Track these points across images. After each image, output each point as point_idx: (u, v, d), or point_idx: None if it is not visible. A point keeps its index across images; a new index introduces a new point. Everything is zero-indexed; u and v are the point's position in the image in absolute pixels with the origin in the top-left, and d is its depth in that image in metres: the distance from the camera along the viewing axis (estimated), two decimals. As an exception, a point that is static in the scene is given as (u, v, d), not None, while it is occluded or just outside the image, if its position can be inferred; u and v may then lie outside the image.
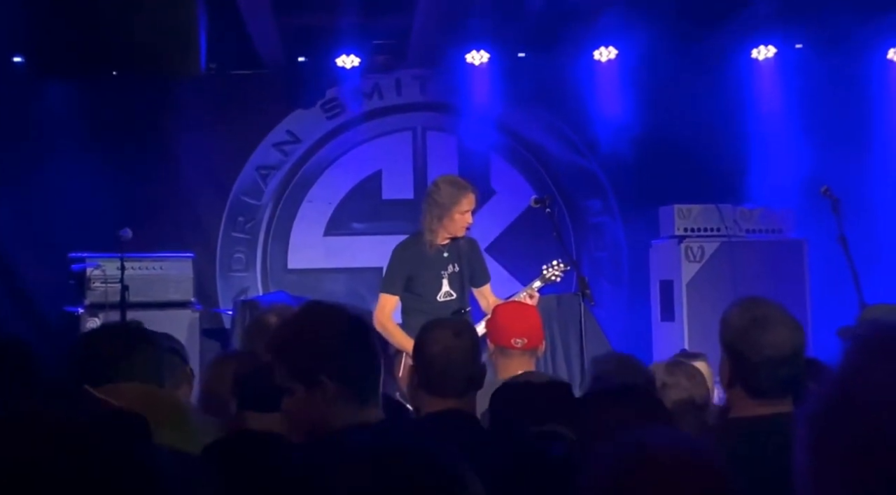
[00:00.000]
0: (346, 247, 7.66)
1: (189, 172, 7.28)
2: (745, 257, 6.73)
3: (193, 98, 7.24)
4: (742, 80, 7.58)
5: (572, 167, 7.83)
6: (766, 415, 2.33)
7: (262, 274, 7.64)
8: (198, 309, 6.69)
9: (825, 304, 6.38)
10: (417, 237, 5.23)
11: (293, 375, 2.14)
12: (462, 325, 2.89)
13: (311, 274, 7.63)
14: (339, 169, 7.72)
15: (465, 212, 5.10)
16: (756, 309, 2.39)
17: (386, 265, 5.25)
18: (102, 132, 7.05)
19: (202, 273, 7.14)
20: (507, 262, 7.39)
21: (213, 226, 7.53)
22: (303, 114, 7.65)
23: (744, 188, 7.21)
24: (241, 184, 7.59)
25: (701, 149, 7.42)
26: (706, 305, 6.51)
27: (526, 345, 3.68)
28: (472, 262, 5.28)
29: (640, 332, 7.19)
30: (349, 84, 7.60)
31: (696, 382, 3.27)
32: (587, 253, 7.77)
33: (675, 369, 3.31)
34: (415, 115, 7.80)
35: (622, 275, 7.80)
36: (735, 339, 2.38)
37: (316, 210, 7.69)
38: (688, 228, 6.85)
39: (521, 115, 7.76)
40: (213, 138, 7.33)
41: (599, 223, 7.87)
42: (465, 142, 7.69)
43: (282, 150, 7.67)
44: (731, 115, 7.44)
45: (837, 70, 7.35)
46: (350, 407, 2.14)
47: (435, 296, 5.17)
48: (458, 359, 2.73)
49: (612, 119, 7.48)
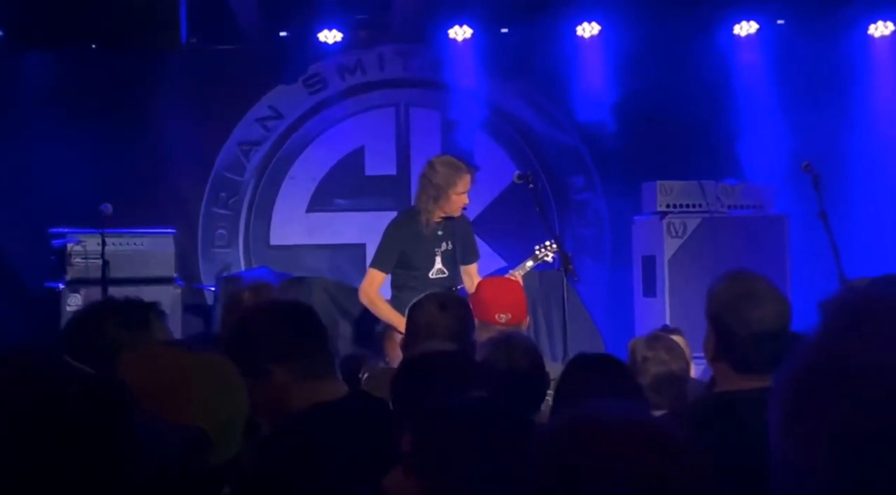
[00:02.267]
0: (328, 224, 7.64)
1: (170, 147, 7.21)
2: (726, 233, 6.73)
3: (174, 72, 7.17)
4: (724, 56, 7.57)
5: (556, 143, 7.82)
6: (752, 389, 2.32)
7: (244, 250, 7.61)
8: (180, 285, 6.67)
9: (806, 280, 6.41)
10: (412, 214, 5.23)
11: (244, 372, 2.22)
12: (451, 300, 2.88)
13: (293, 250, 7.61)
14: (322, 145, 7.68)
15: (461, 194, 5.10)
16: (744, 283, 2.38)
17: (379, 240, 5.24)
18: (82, 107, 6.97)
19: (184, 249, 7.09)
20: (489, 239, 7.38)
21: (194, 201, 7.49)
22: (285, 89, 7.59)
23: (726, 164, 7.22)
24: (223, 159, 7.54)
25: (684, 125, 7.42)
26: (688, 281, 6.53)
27: (510, 320, 3.68)
28: (463, 241, 5.28)
29: (622, 308, 7.21)
30: (331, 59, 7.54)
31: (675, 355, 3.28)
32: (570, 229, 7.77)
33: (655, 343, 3.32)
34: (397, 90, 7.76)
35: (605, 251, 7.81)
36: (722, 313, 2.37)
37: (298, 186, 7.66)
38: (670, 204, 6.84)
39: (505, 91, 7.73)
40: (195, 113, 7.26)
41: (582, 199, 7.87)
42: (448, 119, 7.65)
43: (264, 126, 7.62)
44: (714, 91, 7.43)
45: (819, 46, 7.34)
46: (306, 387, 2.21)
47: (427, 272, 5.17)
48: (440, 334, 2.71)
49: (596, 95, 7.46)
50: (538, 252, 5.33)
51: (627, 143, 7.50)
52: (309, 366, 2.23)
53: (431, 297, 2.89)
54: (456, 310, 2.82)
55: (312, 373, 2.23)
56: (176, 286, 6.62)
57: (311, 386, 2.21)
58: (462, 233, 5.29)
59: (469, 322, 2.89)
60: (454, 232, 5.24)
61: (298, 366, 2.22)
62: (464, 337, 2.80)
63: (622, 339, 4.43)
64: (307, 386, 2.21)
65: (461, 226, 5.30)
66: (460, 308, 2.88)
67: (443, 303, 2.84)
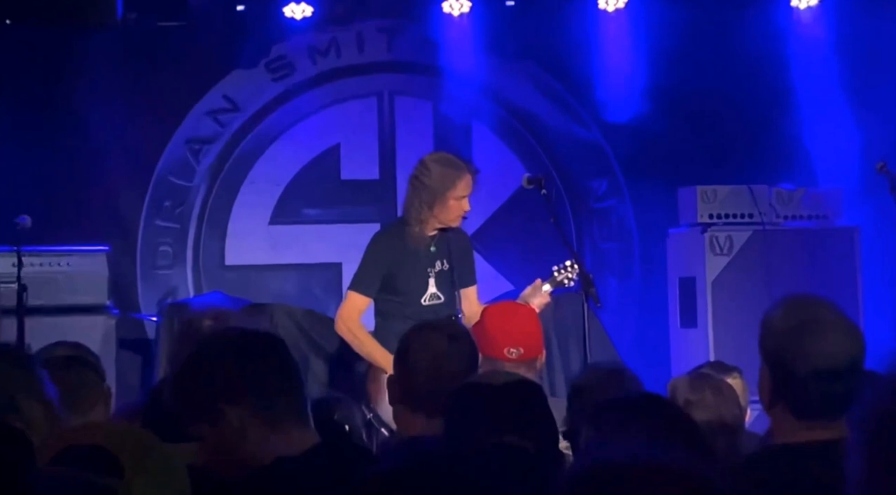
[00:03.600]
0: (296, 239, 7.65)
1: (103, 146, 7.21)
2: (782, 249, 6.77)
3: (108, 55, 7.17)
4: (779, 34, 7.58)
5: (573, 139, 7.84)
6: (818, 441, 2.33)
7: (193, 271, 7.62)
8: (114, 314, 6.68)
9: (881, 305, 6.40)
10: (400, 227, 5.25)
11: (198, 418, 2.26)
12: (458, 329, 2.86)
13: (253, 271, 7.62)
14: (288, 142, 7.70)
15: (461, 198, 5.12)
16: (805, 310, 2.39)
17: (361, 258, 5.26)
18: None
19: (119, 270, 7.10)
20: (493, 256, 7.37)
21: (132, 212, 7.49)
22: (243, 75, 7.62)
23: (782, 165, 7.24)
24: (167, 160, 7.55)
25: (729, 118, 7.45)
26: (736, 308, 6.55)
27: (522, 355, 3.68)
28: (462, 260, 5.28)
29: (655, 341, 7.23)
30: (300, 39, 7.55)
31: (724, 399, 3.29)
32: (591, 244, 7.79)
33: (700, 384, 3.34)
34: (380, 76, 7.79)
35: (633, 271, 7.83)
36: (779, 347, 2.37)
37: (260, 193, 7.67)
38: (713, 214, 6.88)
39: (511, 76, 7.77)
40: (133, 104, 7.26)
41: (606, 208, 7.88)
42: (442, 110, 7.68)
43: (217, 120, 7.64)
44: (766, 76, 7.47)
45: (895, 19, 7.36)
46: (266, 435, 2.23)
47: (419, 298, 5.19)
48: (451, 369, 2.71)
49: (622, 81, 7.49)
50: (557, 274, 5.33)
51: (661, 139, 7.52)
52: (270, 408, 2.24)
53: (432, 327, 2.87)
54: (467, 343, 2.80)
55: (275, 419, 2.23)
56: (109, 316, 6.63)
57: (274, 434, 2.22)
58: (459, 249, 5.32)
59: (476, 356, 2.89)
60: (450, 248, 5.26)
61: (257, 409, 2.22)
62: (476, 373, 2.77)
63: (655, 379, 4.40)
64: (268, 435, 2.21)
65: (458, 241, 5.33)
66: (470, 339, 2.87)
67: (452, 333, 2.81)
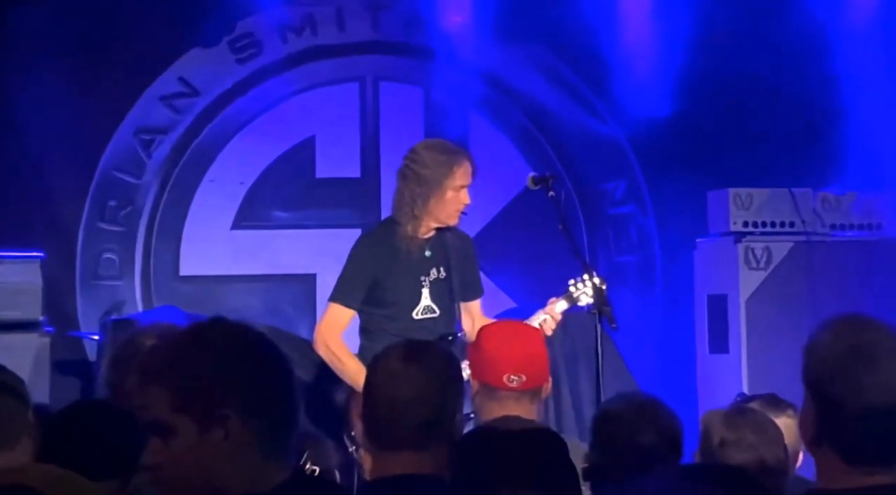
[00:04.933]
0: (263, 246, 7.66)
1: (37, 137, 7.22)
2: (829, 263, 6.79)
3: (43, 31, 7.16)
4: (826, 16, 7.60)
5: (586, 135, 7.87)
6: (867, 488, 2.32)
7: (142, 282, 7.62)
8: (48, 331, 6.67)
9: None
10: (389, 227, 5.28)
11: (179, 408, 2.15)
12: (422, 348, 2.85)
13: (212, 282, 7.64)
14: (255, 134, 7.72)
15: (459, 189, 5.15)
16: (857, 334, 2.37)
17: (344, 265, 5.28)
18: None
19: (55, 280, 7.08)
20: (492, 268, 7.36)
21: (71, 213, 7.49)
22: (202, 54, 7.63)
23: (828, 166, 7.24)
24: (112, 154, 7.55)
25: (767, 112, 7.47)
26: (773, 331, 6.57)
27: (524, 384, 3.68)
28: (463, 267, 5.29)
29: (679, 368, 7.25)
30: (270, 14, 7.56)
31: (768, 438, 3.29)
32: (605, 255, 7.82)
33: (739, 420, 3.33)
34: (363, 58, 7.82)
35: (655, 287, 7.86)
36: (825, 378, 2.36)
37: (221, 192, 7.69)
38: (749, 222, 6.90)
39: (515, 61, 7.80)
40: (72, 89, 7.24)
41: (623, 213, 7.91)
42: (434, 98, 7.71)
43: (172, 106, 7.65)
44: (810, 65, 7.49)
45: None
46: (258, 462, 2.17)
47: (410, 311, 5.22)
48: (404, 395, 2.70)
49: (643, 67, 7.49)
50: (574, 289, 5.35)
51: (688, 136, 7.56)
52: (275, 434, 2.19)
53: (397, 345, 2.87)
54: (430, 364, 2.78)
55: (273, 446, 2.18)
56: (43, 333, 6.61)
57: (265, 464, 2.16)
58: (460, 255, 5.35)
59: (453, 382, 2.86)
60: (448, 253, 5.27)
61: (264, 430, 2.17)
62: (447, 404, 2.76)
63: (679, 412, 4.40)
64: (258, 463, 2.16)
65: (458, 244, 5.36)
66: (438, 360, 2.84)
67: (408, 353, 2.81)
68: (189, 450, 2.15)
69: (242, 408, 2.15)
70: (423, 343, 3.19)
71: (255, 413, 2.16)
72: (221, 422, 2.14)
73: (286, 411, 2.22)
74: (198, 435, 2.14)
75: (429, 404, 2.73)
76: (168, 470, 2.16)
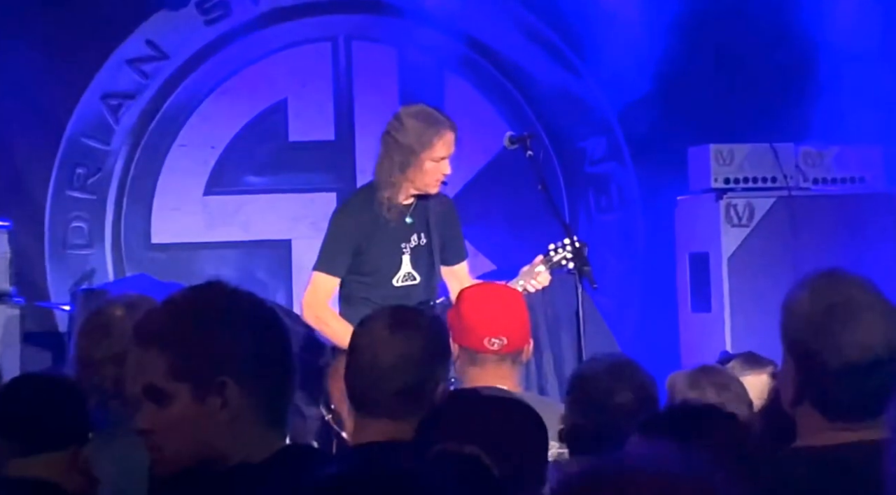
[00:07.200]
0: (236, 211, 7.65)
1: (2, 103, 7.14)
2: (812, 218, 6.79)
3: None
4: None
5: (564, 92, 7.86)
6: (850, 443, 2.35)
7: (113, 251, 7.61)
8: (18, 302, 6.66)
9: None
10: (369, 193, 5.29)
11: (177, 374, 2.14)
12: (410, 316, 2.87)
13: (185, 250, 7.63)
14: (226, 97, 7.70)
15: (440, 159, 5.16)
16: (836, 290, 2.39)
17: (325, 233, 5.28)
18: None
19: (24, 250, 7.08)
20: (471, 230, 7.33)
21: (39, 181, 7.47)
22: (170, 17, 7.60)
23: (810, 120, 7.24)
24: (79, 120, 7.53)
25: (748, 64, 7.44)
26: (756, 289, 6.58)
27: (505, 346, 3.70)
28: (446, 231, 5.32)
29: (661, 328, 7.28)
30: (238, -27, 7.55)
31: (730, 396, 3.33)
32: (586, 215, 7.82)
33: (702, 379, 3.40)
34: (335, 17, 7.80)
35: (635, 247, 7.86)
36: (804, 336, 2.38)
37: (192, 158, 7.67)
38: (730, 178, 6.90)
39: (491, 17, 7.78)
40: (37, 52, 7.22)
41: (603, 172, 7.91)
42: (408, 58, 7.68)
43: (140, 71, 7.62)
44: (792, 14, 7.46)
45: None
46: (257, 430, 2.16)
47: (390, 278, 5.24)
48: (386, 362, 2.72)
49: (624, 21, 7.46)
50: (553, 253, 5.35)
51: (667, 91, 7.53)
52: (275, 402, 2.19)
53: (380, 313, 2.89)
54: (417, 332, 2.81)
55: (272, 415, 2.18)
56: (12, 304, 6.61)
57: (263, 432, 2.16)
58: (442, 219, 5.36)
59: (440, 351, 2.89)
60: (430, 219, 5.29)
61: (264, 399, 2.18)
62: (430, 374, 2.79)
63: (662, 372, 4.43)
64: (257, 431, 2.15)
65: (440, 209, 5.37)
66: (425, 328, 2.88)
67: (395, 319, 2.83)
68: (185, 418, 2.14)
69: (241, 375, 2.15)
70: (411, 310, 3.21)
71: (253, 379, 2.16)
72: (219, 389, 2.14)
73: (284, 377, 2.23)
74: (194, 402, 2.14)
75: (410, 372, 2.75)
76: (161, 437, 2.16)
